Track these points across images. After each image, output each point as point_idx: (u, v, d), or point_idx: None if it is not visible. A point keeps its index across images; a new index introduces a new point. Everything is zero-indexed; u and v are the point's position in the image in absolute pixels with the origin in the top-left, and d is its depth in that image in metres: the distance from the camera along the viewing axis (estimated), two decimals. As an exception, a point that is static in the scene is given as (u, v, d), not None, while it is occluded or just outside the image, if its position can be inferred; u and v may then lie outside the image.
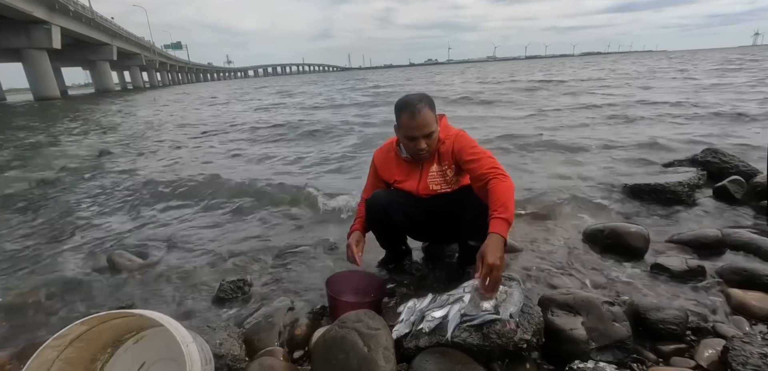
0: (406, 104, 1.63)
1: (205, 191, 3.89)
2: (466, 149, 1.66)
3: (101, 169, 5.26)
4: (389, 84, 23.82)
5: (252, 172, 4.62)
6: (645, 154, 4.23)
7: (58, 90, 32.95)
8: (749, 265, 1.80)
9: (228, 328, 1.50)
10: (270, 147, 6.38)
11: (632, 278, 1.87)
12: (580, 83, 15.34)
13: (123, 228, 3.06)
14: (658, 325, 1.43)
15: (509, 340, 1.25)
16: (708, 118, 6.42)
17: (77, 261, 2.48)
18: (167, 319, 1.08)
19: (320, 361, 1.27)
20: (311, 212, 3.13)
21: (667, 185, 2.83)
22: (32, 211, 3.58)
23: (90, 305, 1.98)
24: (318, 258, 2.33)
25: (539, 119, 7.47)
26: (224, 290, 1.95)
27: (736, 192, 2.69)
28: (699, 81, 13.25)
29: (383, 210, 1.77)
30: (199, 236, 2.79)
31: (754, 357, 1.17)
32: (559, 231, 2.50)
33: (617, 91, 11.44)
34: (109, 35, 41.73)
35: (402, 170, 1.83)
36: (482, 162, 1.59)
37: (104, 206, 3.64)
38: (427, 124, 1.62)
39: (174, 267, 2.31)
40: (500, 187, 1.48)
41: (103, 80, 43.98)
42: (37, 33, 27.91)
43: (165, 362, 1.25)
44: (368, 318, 1.33)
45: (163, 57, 73.36)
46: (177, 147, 6.68)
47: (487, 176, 1.53)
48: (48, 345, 1.05)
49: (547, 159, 4.43)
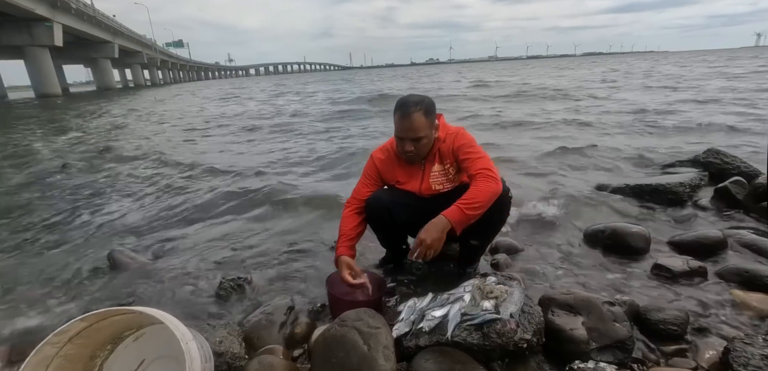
0: (401, 104, 1.65)
1: (206, 189, 3.89)
2: (464, 147, 1.67)
3: (102, 165, 5.27)
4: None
5: (253, 170, 4.62)
6: (646, 154, 4.22)
7: (60, 87, 32.99)
8: (750, 266, 1.80)
9: (228, 326, 1.49)
10: (272, 145, 6.39)
11: (633, 278, 1.87)
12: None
13: (123, 225, 3.06)
14: (659, 326, 1.42)
15: (509, 340, 1.25)
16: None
17: (77, 257, 2.48)
18: (167, 316, 1.08)
19: (320, 359, 1.27)
20: (312, 210, 3.13)
21: (669, 185, 2.82)
22: (31, 206, 3.58)
23: (90, 302, 1.98)
24: (318, 256, 2.33)
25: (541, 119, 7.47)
26: (224, 288, 1.95)
27: (738, 193, 2.68)
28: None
29: (386, 210, 1.77)
30: (200, 234, 2.80)
31: (755, 358, 1.17)
32: (560, 231, 2.49)
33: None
34: (111, 33, 41.76)
35: (404, 171, 1.82)
36: (476, 161, 1.62)
37: (104, 203, 3.65)
38: (416, 128, 1.62)
39: (174, 264, 2.31)
40: (480, 185, 1.53)
41: (105, 78, 44.03)
42: (39, 30, 27.95)
43: (165, 359, 1.25)
44: (368, 317, 1.32)
45: (164, 55, 73.40)
46: (184, 141, 6.68)
47: (476, 174, 1.57)
48: (47, 342, 1.04)
49: (548, 159, 4.42)
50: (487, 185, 1.52)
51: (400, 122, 1.65)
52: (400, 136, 1.68)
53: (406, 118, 1.62)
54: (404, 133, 1.66)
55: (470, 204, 1.49)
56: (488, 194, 1.51)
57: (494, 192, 1.53)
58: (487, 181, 1.54)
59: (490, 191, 1.52)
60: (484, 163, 1.61)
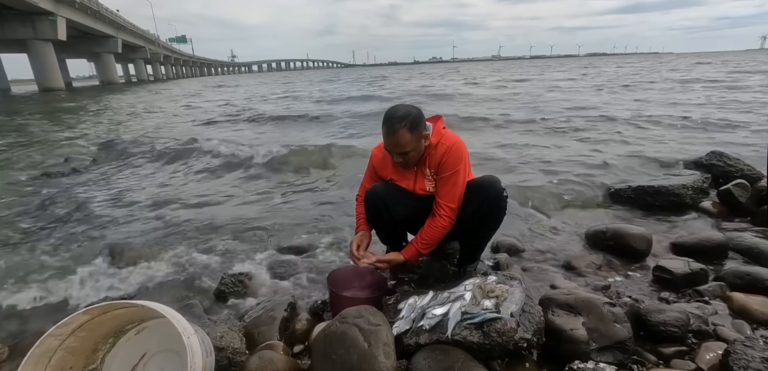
0: (387, 119, 1.66)
1: (207, 186, 3.90)
2: (447, 165, 1.70)
3: (101, 162, 5.29)
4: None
5: (254, 166, 4.63)
6: (649, 155, 4.21)
7: (63, 81, 33.04)
8: (752, 269, 1.79)
9: (229, 321, 1.50)
10: (273, 145, 6.38)
11: (634, 280, 1.87)
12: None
13: (125, 219, 3.07)
14: (659, 327, 1.42)
15: (509, 339, 1.25)
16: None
17: (79, 251, 2.50)
18: (169, 311, 1.09)
19: (320, 356, 1.28)
20: (313, 207, 3.14)
21: (671, 188, 2.81)
22: (32, 199, 3.60)
23: (92, 295, 1.99)
24: (320, 253, 2.33)
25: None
26: (226, 283, 1.95)
27: (741, 196, 2.67)
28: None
29: (382, 202, 1.78)
30: (202, 229, 2.80)
31: (755, 361, 1.17)
32: (561, 231, 2.49)
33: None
34: (114, 27, 41.81)
35: (397, 170, 1.84)
36: (446, 192, 1.70)
37: (105, 198, 3.66)
38: (401, 145, 1.65)
39: (176, 259, 2.32)
40: (436, 225, 1.70)
41: (108, 73, 44.11)
42: (42, 24, 28.00)
43: (166, 353, 1.26)
44: (369, 314, 1.33)
45: (167, 50, 73.47)
46: (190, 138, 6.66)
47: (435, 209, 1.72)
48: (50, 334, 1.05)
49: (549, 159, 4.42)
50: (440, 224, 1.70)
51: (387, 138, 1.68)
52: (388, 149, 1.72)
53: (391, 135, 1.64)
54: (391, 148, 1.70)
55: (425, 244, 1.73)
56: (442, 234, 1.72)
57: (444, 229, 1.71)
58: (441, 220, 1.69)
59: (443, 231, 1.71)
60: (449, 196, 1.69)
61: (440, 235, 1.72)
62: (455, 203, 1.70)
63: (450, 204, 1.69)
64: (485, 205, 1.68)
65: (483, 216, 1.70)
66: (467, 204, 1.70)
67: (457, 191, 1.69)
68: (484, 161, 4.42)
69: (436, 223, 1.71)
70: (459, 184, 1.70)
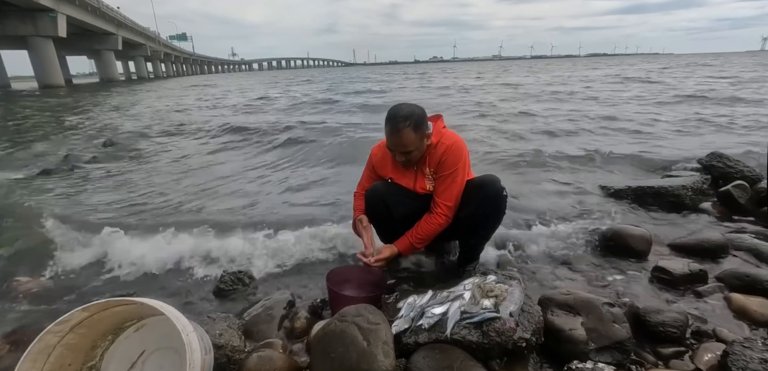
0: (391, 118, 1.66)
1: (206, 183, 3.90)
2: (446, 164, 1.71)
3: (102, 158, 5.28)
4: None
5: (255, 166, 4.63)
6: (649, 156, 4.21)
7: (63, 78, 33.05)
8: (751, 271, 1.80)
9: (228, 319, 1.50)
10: (275, 143, 6.39)
11: (633, 280, 1.87)
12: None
13: (124, 216, 3.06)
14: (658, 328, 1.42)
15: (508, 338, 1.25)
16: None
17: (78, 248, 2.49)
18: (168, 308, 1.09)
19: (319, 354, 1.28)
20: (312, 206, 3.13)
21: (671, 188, 2.81)
22: (34, 195, 3.59)
23: (91, 292, 1.99)
24: (319, 251, 2.33)
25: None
26: (225, 281, 1.95)
27: (740, 197, 2.67)
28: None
29: (383, 202, 1.78)
30: (201, 227, 2.79)
31: (754, 361, 1.17)
32: (561, 231, 2.49)
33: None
34: (115, 25, 41.76)
35: (397, 169, 1.84)
36: (444, 190, 1.71)
37: (105, 194, 3.66)
38: (405, 144, 1.65)
39: (175, 257, 2.32)
40: (432, 221, 1.71)
41: (108, 70, 44.07)
42: (42, 21, 27.99)
43: (165, 351, 1.26)
44: (368, 313, 1.33)
45: (168, 48, 73.41)
46: (189, 136, 6.67)
47: (432, 206, 1.73)
48: (49, 331, 1.05)
49: (551, 159, 4.41)
50: (436, 221, 1.71)
51: (390, 137, 1.68)
52: (391, 148, 1.72)
53: (395, 134, 1.64)
54: (394, 147, 1.70)
55: (419, 239, 1.74)
56: (437, 230, 1.73)
57: (440, 226, 1.73)
58: (437, 218, 1.71)
59: (438, 227, 1.72)
60: (447, 195, 1.70)
61: (435, 232, 1.73)
62: (452, 202, 1.70)
63: (447, 202, 1.70)
64: (485, 204, 1.68)
65: (482, 215, 1.70)
66: (467, 203, 1.70)
67: (455, 190, 1.70)
68: (483, 159, 4.42)
69: (432, 220, 1.72)
70: (457, 183, 1.70)
